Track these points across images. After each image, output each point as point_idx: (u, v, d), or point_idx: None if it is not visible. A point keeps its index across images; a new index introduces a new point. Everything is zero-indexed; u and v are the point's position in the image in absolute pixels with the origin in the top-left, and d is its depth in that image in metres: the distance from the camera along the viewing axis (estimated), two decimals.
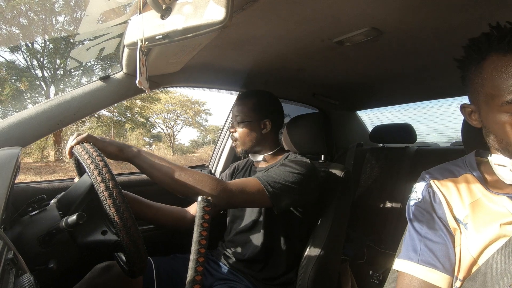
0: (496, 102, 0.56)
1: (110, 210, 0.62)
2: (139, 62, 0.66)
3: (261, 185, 0.92)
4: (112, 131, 13.42)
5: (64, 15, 11.19)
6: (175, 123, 18.46)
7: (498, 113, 0.57)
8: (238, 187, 0.89)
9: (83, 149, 0.71)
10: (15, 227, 0.66)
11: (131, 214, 0.64)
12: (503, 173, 0.60)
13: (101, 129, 12.76)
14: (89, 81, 1.07)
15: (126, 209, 0.63)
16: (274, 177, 0.96)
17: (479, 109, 0.62)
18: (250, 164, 1.29)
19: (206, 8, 0.55)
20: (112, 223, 0.62)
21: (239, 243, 1.14)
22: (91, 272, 0.93)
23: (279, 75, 1.49)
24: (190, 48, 0.97)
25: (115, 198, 0.62)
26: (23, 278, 0.43)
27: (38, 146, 10.99)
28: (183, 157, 16.05)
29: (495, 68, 0.56)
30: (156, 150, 16.46)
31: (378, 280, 1.56)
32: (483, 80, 0.59)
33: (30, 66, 11.16)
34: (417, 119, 2.95)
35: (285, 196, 0.95)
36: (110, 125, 13.12)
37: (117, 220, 0.61)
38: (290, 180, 0.96)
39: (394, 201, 1.86)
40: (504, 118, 0.56)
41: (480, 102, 0.61)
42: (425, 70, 1.40)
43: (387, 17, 0.89)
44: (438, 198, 0.65)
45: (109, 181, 0.64)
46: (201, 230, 0.60)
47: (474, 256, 0.57)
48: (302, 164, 1.03)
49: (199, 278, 0.59)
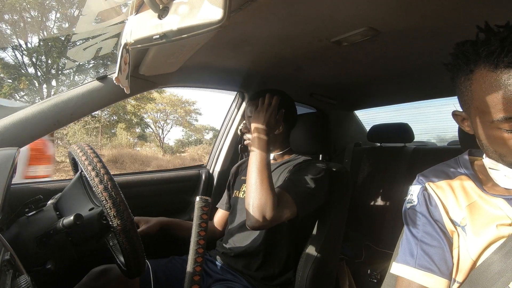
0: (487, 118, 0.55)
1: (110, 211, 0.62)
2: (120, 60, 0.65)
3: (289, 197, 0.95)
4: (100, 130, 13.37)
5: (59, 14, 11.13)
6: (165, 122, 18.43)
7: (490, 128, 0.56)
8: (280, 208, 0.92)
9: (79, 148, 0.71)
10: (11, 228, 0.65)
11: (129, 212, 0.64)
12: (497, 177, 0.61)
13: (84, 129, 12.67)
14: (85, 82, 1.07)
15: (125, 209, 0.63)
16: (299, 186, 0.99)
17: (471, 119, 0.61)
18: None
19: (204, 8, 0.55)
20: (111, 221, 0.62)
21: (238, 243, 1.14)
22: (88, 276, 0.92)
23: (276, 75, 1.49)
24: (188, 48, 0.97)
25: (114, 198, 0.62)
26: (20, 279, 0.43)
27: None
28: (175, 156, 16.01)
29: (485, 84, 0.54)
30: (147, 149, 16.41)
31: (376, 279, 1.57)
32: (473, 94, 0.57)
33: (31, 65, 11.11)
34: (414, 118, 2.97)
35: (310, 205, 1.00)
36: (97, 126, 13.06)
37: (116, 221, 0.61)
38: (313, 188, 1.00)
39: (391, 200, 1.87)
40: (496, 133, 0.55)
41: (472, 113, 0.59)
42: (421, 70, 1.41)
43: (384, 17, 0.90)
44: (434, 201, 0.65)
45: (107, 181, 0.63)
46: (199, 230, 0.60)
47: (473, 258, 0.57)
48: (320, 170, 1.07)
49: (197, 278, 0.59)
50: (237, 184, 1.29)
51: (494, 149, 0.58)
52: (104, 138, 14.39)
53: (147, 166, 11.74)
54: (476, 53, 0.54)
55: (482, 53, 0.53)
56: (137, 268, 0.67)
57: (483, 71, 0.54)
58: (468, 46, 0.56)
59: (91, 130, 13.02)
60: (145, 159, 12.58)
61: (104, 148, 13.50)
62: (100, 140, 13.99)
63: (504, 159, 0.57)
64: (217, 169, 1.65)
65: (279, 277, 1.08)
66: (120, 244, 0.63)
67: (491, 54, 0.52)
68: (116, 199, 0.62)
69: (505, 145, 0.55)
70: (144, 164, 11.94)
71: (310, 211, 1.00)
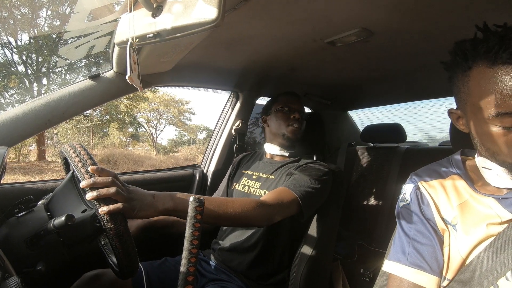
0: (483, 114, 0.55)
1: (103, 214, 0.61)
2: (129, 59, 0.65)
3: (295, 196, 0.95)
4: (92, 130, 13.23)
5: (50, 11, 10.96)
6: (158, 121, 18.31)
7: (485, 124, 0.56)
8: (277, 203, 0.91)
9: (71, 148, 0.70)
10: (1, 229, 0.64)
11: (122, 216, 0.63)
12: (489, 176, 0.61)
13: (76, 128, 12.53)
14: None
15: (119, 213, 0.62)
16: (304, 185, 0.99)
17: (466, 117, 0.62)
18: (259, 156, 1.33)
19: (198, 7, 0.55)
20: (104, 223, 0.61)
21: (232, 243, 1.14)
22: (80, 280, 0.91)
23: (271, 75, 1.49)
24: (182, 47, 0.96)
25: (108, 202, 0.61)
26: (9, 281, 0.42)
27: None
28: (169, 156, 15.92)
29: (482, 79, 0.54)
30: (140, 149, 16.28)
31: (369, 278, 1.58)
32: (470, 91, 0.58)
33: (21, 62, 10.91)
34: (407, 119, 3.00)
35: (314, 205, 1.01)
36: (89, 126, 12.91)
37: (110, 225, 0.61)
38: (317, 189, 1.01)
39: (384, 200, 1.89)
40: (492, 129, 0.55)
41: (467, 111, 0.60)
42: (414, 71, 1.43)
43: (378, 18, 0.90)
44: (426, 200, 0.66)
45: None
46: (193, 230, 0.59)
47: (463, 256, 0.58)
48: (325, 171, 1.09)
49: (191, 279, 0.59)
50: (237, 176, 1.29)
51: (487, 147, 0.58)
52: (96, 137, 14.25)
53: (140, 166, 11.64)
54: (475, 50, 0.55)
55: (481, 49, 0.54)
56: (130, 269, 0.66)
57: (481, 67, 0.55)
58: (467, 44, 0.57)
59: (83, 130, 12.87)
60: (138, 159, 12.48)
61: (96, 147, 13.35)
62: (92, 140, 13.84)
63: (497, 157, 0.58)
64: (211, 169, 1.64)
65: (273, 276, 1.08)
66: (113, 247, 0.63)
67: (489, 51, 0.53)
68: (110, 203, 0.61)
69: (498, 142, 0.55)
70: (137, 164, 11.84)
71: (313, 210, 1.02)
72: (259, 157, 1.32)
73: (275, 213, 0.89)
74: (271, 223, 0.91)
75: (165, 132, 46.45)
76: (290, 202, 0.94)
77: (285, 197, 0.93)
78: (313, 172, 1.06)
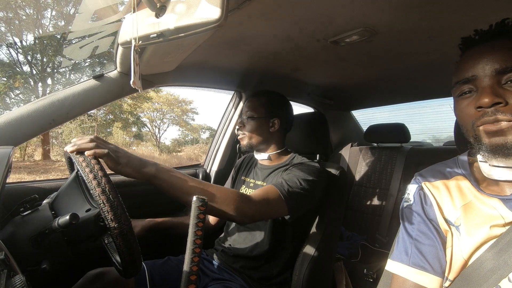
0: (454, 90, 0.59)
1: (108, 214, 0.61)
2: (133, 62, 0.66)
3: (280, 196, 0.91)
4: (96, 129, 13.30)
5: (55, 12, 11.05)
6: (162, 121, 18.37)
7: (456, 101, 0.60)
8: (262, 201, 0.87)
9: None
10: (6, 227, 0.65)
11: (126, 216, 0.63)
12: (486, 169, 0.60)
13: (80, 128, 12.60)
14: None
15: (123, 212, 0.62)
16: (292, 186, 0.95)
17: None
18: (255, 162, 1.29)
19: (201, 7, 0.55)
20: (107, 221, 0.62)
21: (235, 243, 1.14)
22: (84, 278, 0.91)
23: (274, 75, 1.49)
24: (185, 47, 0.97)
25: (112, 201, 0.62)
26: (15, 279, 0.43)
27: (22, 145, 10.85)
28: (172, 155, 15.95)
29: (463, 58, 0.60)
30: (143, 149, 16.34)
31: (372, 279, 1.58)
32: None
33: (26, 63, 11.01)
34: (411, 119, 2.98)
35: (302, 207, 0.97)
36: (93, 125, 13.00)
37: (114, 224, 0.61)
38: (306, 189, 0.97)
39: (388, 200, 1.88)
40: (458, 103, 0.59)
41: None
42: (418, 71, 1.42)
43: (381, 17, 0.90)
44: (429, 201, 0.66)
45: (105, 184, 0.63)
46: (196, 229, 0.60)
47: (465, 257, 0.58)
48: (315, 171, 1.04)
49: (194, 278, 0.59)
50: (239, 183, 1.28)
51: (466, 131, 0.60)
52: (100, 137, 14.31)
53: None
54: (470, 40, 0.61)
55: (473, 39, 0.60)
56: (133, 268, 0.67)
57: (467, 51, 0.60)
58: (465, 38, 0.62)
59: (87, 129, 12.94)
60: None
61: None
62: None
63: (480, 141, 0.56)
64: (214, 169, 1.64)
65: (276, 277, 1.08)
66: (117, 247, 0.63)
67: (479, 38, 0.58)
68: (114, 203, 0.61)
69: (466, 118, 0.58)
70: None
71: (302, 212, 0.98)
72: (255, 163, 1.28)
73: (258, 211, 0.85)
74: (253, 221, 0.89)
75: (169, 132, 46.47)
76: (275, 201, 0.90)
77: (271, 197, 0.90)
78: (303, 172, 1.03)
